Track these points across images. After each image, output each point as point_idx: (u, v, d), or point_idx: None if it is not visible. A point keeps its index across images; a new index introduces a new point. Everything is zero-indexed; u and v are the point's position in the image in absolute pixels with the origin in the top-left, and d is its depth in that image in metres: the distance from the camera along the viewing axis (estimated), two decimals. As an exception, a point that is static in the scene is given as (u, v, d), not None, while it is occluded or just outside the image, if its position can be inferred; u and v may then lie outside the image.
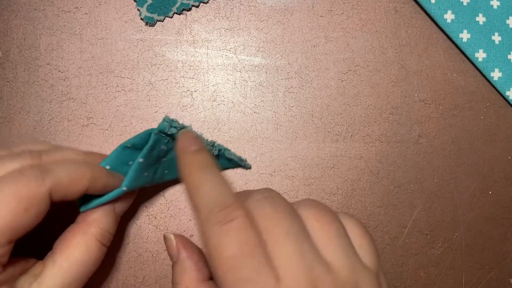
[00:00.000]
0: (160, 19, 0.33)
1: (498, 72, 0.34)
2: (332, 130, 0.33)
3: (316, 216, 0.22)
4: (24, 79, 0.32)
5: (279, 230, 0.20)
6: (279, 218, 0.21)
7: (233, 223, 0.20)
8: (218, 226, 0.20)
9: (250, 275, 0.19)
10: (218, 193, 0.22)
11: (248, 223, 0.21)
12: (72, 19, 0.33)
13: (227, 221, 0.20)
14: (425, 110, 0.34)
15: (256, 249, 0.20)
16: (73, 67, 0.32)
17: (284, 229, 0.20)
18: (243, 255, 0.20)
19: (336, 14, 0.34)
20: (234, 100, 0.33)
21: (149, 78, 0.33)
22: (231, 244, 0.20)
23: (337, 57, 0.34)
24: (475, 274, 0.33)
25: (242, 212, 0.21)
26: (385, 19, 0.34)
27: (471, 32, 0.34)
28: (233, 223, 0.20)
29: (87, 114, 0.32)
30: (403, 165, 0.34)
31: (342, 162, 0.33)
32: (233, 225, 0.20)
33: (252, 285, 0.19)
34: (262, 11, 0.34)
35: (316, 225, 0.22)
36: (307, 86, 0.34)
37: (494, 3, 0.34)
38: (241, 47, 0.34)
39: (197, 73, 0.33)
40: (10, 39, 0.32)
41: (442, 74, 0.34)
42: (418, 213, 0.33)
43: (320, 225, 0.22)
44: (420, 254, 0.33)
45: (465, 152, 0.34)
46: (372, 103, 0.34)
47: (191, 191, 0.22)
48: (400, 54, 0.34)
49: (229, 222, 0.20)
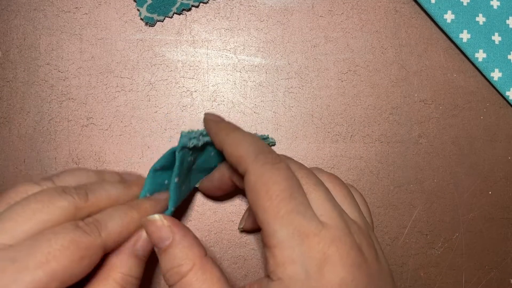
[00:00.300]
0: (160, 19, 0.33)
1: (498, 72, 0.34)
2: (332, 130, 0.33)
3: (330, 179, 0.25)
4: (24, 79, 0.32)
5: (311, 180, 0.23)
6: (309, 172, 0.24)
7: (281, 164, 0.23)
8: (270, 165, 0.22)
9: (300, 208, 0.21)
10: (261, 144, 0.24)
11: (290, 170, 0.23)
12: (72, 19, 0.33)
13: (276, 162, 0.23)
14: (425, 110, 0.34)
15: (301, 189, 0.23)
16: (73, 67, 0.32)
17: (314, 180, 0.24)
18: (293, 189, 0.22)
19: (336, 14, 0.34)
20: (234, 100, 0.33)
21: (149, 78, 0.33)
22: (283, 179, 0.22)
23: (337, 57, 0.34)
24: (475, 274, 0.33)
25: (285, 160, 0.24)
26: (385, 19, 0.34)
27: (471, 32, 0.34)
28: (281, 164, 0.23)
29: (87, 114, 0.32)
30: (403, 165, 0.34)
31: (342, 162, 0.33)
32: (281, 166, 0.23)
33: (303, 216, 0.21)
34: (262, 11, 0.34)
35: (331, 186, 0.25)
36: (307, 86, 0.34)
37: (494, 3, 0.34)
38: (241, 47, 0.34)
39: (197, 73, 0.33)
40: (10, 39, 0.32)
41: (442, 74, 0.34)
42: (418, 213, 0.33)
43: (334, 186, 0.25)
44: (420, 254, 0.33)
45: (465, 152, 0.34)
46: (372, 103, 0.34)
47: (234, 144, 0.24)
48: (400, 54, 0.34)
49: (278, 163, 0.23)
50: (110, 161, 0.32)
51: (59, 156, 0.32)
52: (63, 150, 0.32)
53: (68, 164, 0.32)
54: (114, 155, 0.32)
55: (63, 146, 0.32)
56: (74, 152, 0.32)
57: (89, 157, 0.32)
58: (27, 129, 0.32)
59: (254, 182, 0.22)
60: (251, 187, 0.22)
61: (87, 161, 0.32)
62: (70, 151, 0.32)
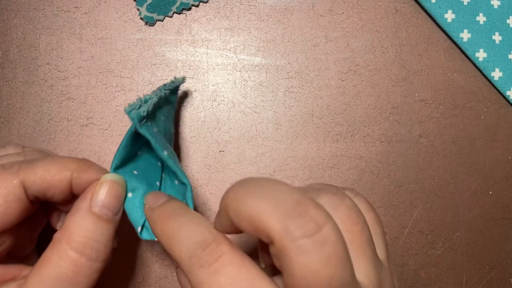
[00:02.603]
0: (159, 19, 0.33)
1: (499, 71, 0.34)
2: (332, 130, 0.33)
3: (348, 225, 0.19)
4: (23, 78, 0.32)
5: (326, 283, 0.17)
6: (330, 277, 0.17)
7: (221, 259, 0.18)
8: (205, 268, 0.18)
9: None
10: (196, 234, 0.19)
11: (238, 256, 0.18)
12: (72, 18, 0.33)
13: (213, 260, 0.18)
14: (426, 110, 0.34)
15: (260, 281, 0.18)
16: (72, 67, 0.32)
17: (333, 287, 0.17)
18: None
19: (337, 14, 0.34)
20: (234, 100, 0.33)
21: (148, 77, 0.33)
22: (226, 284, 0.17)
23: (338, 56, 0.34)
24: (475, 274, 0.33)
25: (227, 246, 0.19)
26: (386, 18, 0.34)
27: (471, 32, 0.34)
28: (221, 260, 0.18)
29: (87, 114, 0.32)
30: (403, 165, 0.34)
31: (343, 162, 0.33)
32: (222, 263, 0.18)
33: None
34: (262, 11, 0.34)
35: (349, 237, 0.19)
36: (307, 85, 0.33)
37: (495, 2, 0.34)
38: (241, 47, 0.33)
39: (197, 73, 0.33)
40: (10, 39, 0.32)
41: (443, 74, 0.34)
42: (418, 213, 0.33)
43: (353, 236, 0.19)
44: (420, 254, 0.33)
45: (466, 152, 0.34)
46: (373, 103, 0.34)
47: (168, 242, 0.20)
48: (400, 53, 0.34)
49: (216, 261, 0.18)
50: (110, 161, 0.32)
51: (58, 156, 0.32)
52: (62, 150, 0.32)
53: (68, 164, 0.32)
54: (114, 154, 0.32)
55: (63, 145, 0.32)
56: (73, 151, 0.32)
57: (89, 157, 0.32)
58: (26, 129, 0.32)
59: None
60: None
61: (87, 161, 0.32)
62: (70, 150, 0.32)
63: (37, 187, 0.22)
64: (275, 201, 0.17)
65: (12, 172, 0.21)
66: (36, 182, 0.21)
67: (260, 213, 0.17)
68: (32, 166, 0.22)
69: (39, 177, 0.21)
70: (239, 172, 0.32)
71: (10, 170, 0.21)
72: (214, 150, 0.32)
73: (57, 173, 0.22)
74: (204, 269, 0.18)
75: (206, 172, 0.32)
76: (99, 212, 0.22)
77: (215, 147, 0.33)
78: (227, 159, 0.32)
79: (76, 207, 0.22)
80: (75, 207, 0.22)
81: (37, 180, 0.21)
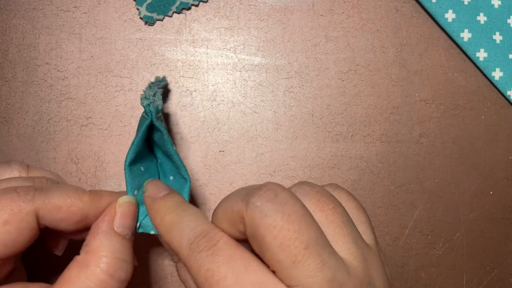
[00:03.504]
0: (159, 18, 0.33)
1: (499, 71, 0.34)
2: (332, 130, 0.33)
3: (319, 206, 0.21)
4: (23, 78, 0.32)
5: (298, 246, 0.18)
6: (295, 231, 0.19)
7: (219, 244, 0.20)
8: (204, 251, 0.19)
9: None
10: (195, 225, 0.21)
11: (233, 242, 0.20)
12: (71, 18, 0.33)
13: (211, 245, 0.20)
14: (426, 109, 0.34)
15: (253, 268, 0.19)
16: (72, 67, 0.32)
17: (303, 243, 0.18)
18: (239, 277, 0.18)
19: (337, 13, 0.34)
20: (234, 100, 0.33)
21: (148, 77, 0.33)
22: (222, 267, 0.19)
23: (338, 56, 0.34)
24: (476, 275, 0.33)
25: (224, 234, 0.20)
26: (386, 18, 0.34)
27: (472, 32, 0.34)
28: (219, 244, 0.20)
29: (86, 114, 0.32)
30: (404, 165, 0.33)
31: (343, 162, 0.33)
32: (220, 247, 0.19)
33: None
34: (262, 10, 0.34)
35: (323, 218, 0.20)
36: (307, 85, 0.33)
37: (495, 2, 0.34)
38: (241, 47, 0.33)
39: (197, 73, 0.33)
40: (9, 39, 0.32)
41: (443, 74, 0.34)
42: (419, 213, 0.33)
43: (326, 215, 0.21)
44: (421, 255, 0.33)
45: (466, 152, 0.34)
46: (373, 103, 0.34)
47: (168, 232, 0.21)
48: (400, 53, 0.34)
49: (214, 245, 0.19)
50: (109, 161, 0.32)
51: (58, 156, 0.32)
52: (62, 150, 0.32)
53: (67, 164, 0.32)
54: (114, 154, 0.32)
55: (62, 145, 0.32)
56: (73, 151, 0.32)
57: (88, 157, 0.32)
58: (26, 129, 0.32)
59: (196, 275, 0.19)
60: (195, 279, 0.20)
61: (86, 161, 0.32)
62: (69, 151, 0.32)
63: (51, 217, 0.22)
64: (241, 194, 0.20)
65: (27, 200, 0.21)
66: (51, 213, 0.21)
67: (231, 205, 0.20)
68: (47, 195, 0.21)
69: (54, 208, 0.21)
70: (239, 172, 0.32)
71: (24, 198, 0.21)
72: (214, 150, 0.32)
73: (72, 205, 0.22)
74: (203, 252, 0.19)
75: (206, 172, 0.32)
76: (122, 233, 0.22)
77: (215, 147, 0.32)
78: (227, 159, 0.32)
79: (97, 229, 0.22)
80: (96, 229, 0.22)
81: (52, 211, 0.21)
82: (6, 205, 0.20)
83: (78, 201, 0.22)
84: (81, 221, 0.22)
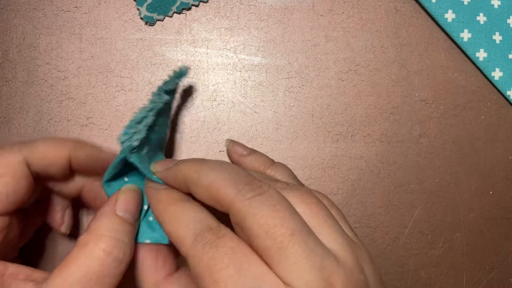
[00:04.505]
0: (159, 19, 0.33)
1: (499, 71, 0.34)
2: (332, 130, 0.33)
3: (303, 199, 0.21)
4: (23, 78, 0.32)
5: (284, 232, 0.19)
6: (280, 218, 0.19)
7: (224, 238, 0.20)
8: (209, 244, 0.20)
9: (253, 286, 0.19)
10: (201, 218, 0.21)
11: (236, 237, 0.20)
12: (72, 18, 0.33)
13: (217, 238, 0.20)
14: (426, 109, 0.34)
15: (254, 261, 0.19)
16: (72, 67, 0.32)
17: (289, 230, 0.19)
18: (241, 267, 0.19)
19: (337, 14, 0.34)
20: (234, 100, 0.33)
21: (148, 77, 0.33)
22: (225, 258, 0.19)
23: (338, 56, 0.34)
24: (476, 275, 0.33)
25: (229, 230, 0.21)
26: (386, 18, 0.34)
27: (472, 32, 0.34)
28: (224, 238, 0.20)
29: (87, 114, 0.32)
30: (403, 165, 0.33)
31: (343, 162, 0.33)
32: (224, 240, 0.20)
33: None
34: (262, 10, 0.34)
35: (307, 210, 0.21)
36: (307, 85, 0.33)
37: (495, 2, 0.34)
38: (241, 47, 0.33)
39: (197, 73, 0.33)
40: (9, 39, 0.32)
41: (443, 74, 0.34)
42: (418, 213, 0.33)
43: (310, 207, 0.21)
44: (420, 255, 0.33)
45: (466, 152, 0.34)
46: (373, 103, 0.34)
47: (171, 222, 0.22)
48: (400, 53, 0.34)
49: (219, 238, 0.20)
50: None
51: (58, 156, 0.32)
52: (62, 150, 0.32)
53: (68, 164, 0.32)
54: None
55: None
56: (73, 152, 0.32)
57: (89, 157, 0.32)
58: (26, 129, 0.32)
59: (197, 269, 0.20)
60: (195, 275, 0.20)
61: (87, 161, 0.32)
62: (70, 151, 0.32)
63: (39, 163, 0.23)
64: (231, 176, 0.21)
65: (14, 152, 0.23)
66: (38, 159, 0.23)
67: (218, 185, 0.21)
68: (32, 145, 0.23)
69: (40, 154, 0.23)
70: (239, 172, 0.32)
71: (11, 150, 0.23)
72: (214, 150, 0.32)
73: (56, 150, 0.24)
74: (207, 244, 0.20)
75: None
76: (123, 216, 0.23)
77: (215, 147, 0.32)
78: (227, 159, 0.32)
79: (100, 213, 0.23)
80: (100, 212, 0.23)
81: (39, 157, 0.23)
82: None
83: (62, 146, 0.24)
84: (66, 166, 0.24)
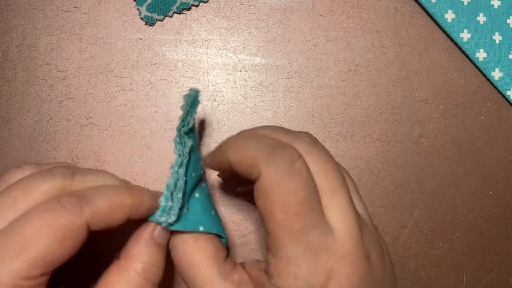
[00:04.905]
0: (159, 19, 0.33)
1: (499, 71, 0.34)
2: (332, 130, 0.33)
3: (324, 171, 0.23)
4: (23, 78, 0.32)
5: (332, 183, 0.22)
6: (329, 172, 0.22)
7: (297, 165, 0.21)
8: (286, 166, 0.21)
9: (315, 222, 0.21)
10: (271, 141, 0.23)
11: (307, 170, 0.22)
12: (72, 18, 0.33)
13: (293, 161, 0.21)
14: (426, 110, 0.34)
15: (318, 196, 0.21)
16: (72, 67, 0.32)
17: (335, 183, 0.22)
18: (311, 201, 0.21)
19: (337, 14, 0.34)
20: (234, 99, 0.33)
21: (148, 77, 0.33)
22: (301, 188, 0.21)
23: (338, 56, 0.34)
24: (476, 275, 0.33)
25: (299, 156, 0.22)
26: (386, 18, 0.34)
27: (471, 32, 0.34)
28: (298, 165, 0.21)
29: (87, 114, 0.32)
30: (403, 165, 0.33)
31: (343, 162, 0.33)
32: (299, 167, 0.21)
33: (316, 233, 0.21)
34: (262, 11, 0.34)
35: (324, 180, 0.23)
36: (307, 85, 0.33)
37: (495, 2, 0.34)
38: (241, 47, 0.33)
39: (197, 73, 0.33)
40: (9, 39, 0.32)
41: (443, 74, 0.34)
42: (418, 213, 0.33)
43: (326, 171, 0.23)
44: (420, 255, 0.33)
45: (466, 152, 0.34)
46: (373, 103, 0.34)
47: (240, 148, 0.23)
48: (400, 53, 0.34)
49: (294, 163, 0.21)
50: (109, 161, 0.32)
51: (58, 156, 0.32)
52: (62, 150, 0.32)
53: (68, 164, 0.32)
54: (114, 155, 0.32)
55: (63, 146, 0.32)
56: (73, 152, 0.32)
57: (89, 157, 0.32)
58: (26, 129, 0.32)
59: (269, 189, 0.21)
60: (265, 194, 0.21)
61: (87, 161, 0.32)
62: (70, 151, 0.32)
63: (99, 224, 0.22)
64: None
65: (77, 214, 0.21)
66: (99, 220, 0.21)
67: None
68: (93, 204, 0.21)
69: (102, 216, 0.21)
70: (239, 172, 0.32)
71: (73, 212, 0.21)
72: (214, 150, 0.32)
73: (117, 212, 0.22)
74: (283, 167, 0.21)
75: (206, 172, 0.32)
76: (160, 242, 0.24)
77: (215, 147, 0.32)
78: (227, 159, 0.32)
79: (138, 237, 0.23)
80: (137, 237, 0.23)
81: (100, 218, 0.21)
82: (58, 224, 0.20)
83: (121, 204, 0.22)
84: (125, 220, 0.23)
